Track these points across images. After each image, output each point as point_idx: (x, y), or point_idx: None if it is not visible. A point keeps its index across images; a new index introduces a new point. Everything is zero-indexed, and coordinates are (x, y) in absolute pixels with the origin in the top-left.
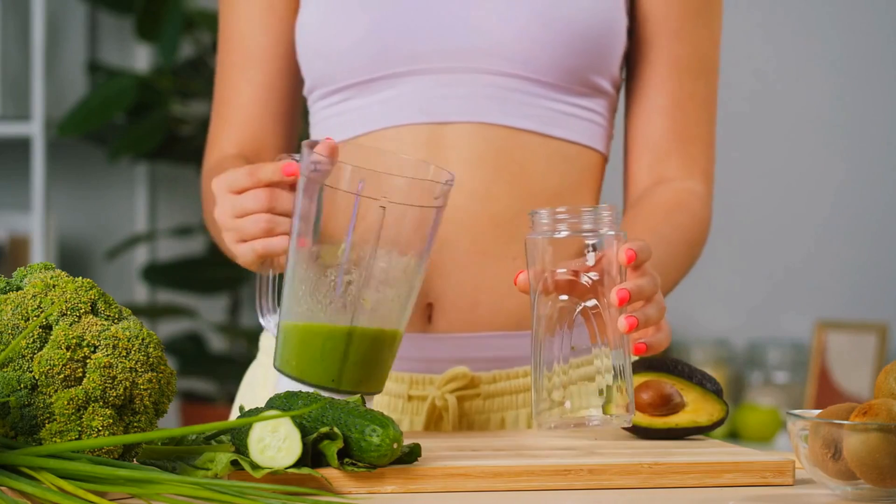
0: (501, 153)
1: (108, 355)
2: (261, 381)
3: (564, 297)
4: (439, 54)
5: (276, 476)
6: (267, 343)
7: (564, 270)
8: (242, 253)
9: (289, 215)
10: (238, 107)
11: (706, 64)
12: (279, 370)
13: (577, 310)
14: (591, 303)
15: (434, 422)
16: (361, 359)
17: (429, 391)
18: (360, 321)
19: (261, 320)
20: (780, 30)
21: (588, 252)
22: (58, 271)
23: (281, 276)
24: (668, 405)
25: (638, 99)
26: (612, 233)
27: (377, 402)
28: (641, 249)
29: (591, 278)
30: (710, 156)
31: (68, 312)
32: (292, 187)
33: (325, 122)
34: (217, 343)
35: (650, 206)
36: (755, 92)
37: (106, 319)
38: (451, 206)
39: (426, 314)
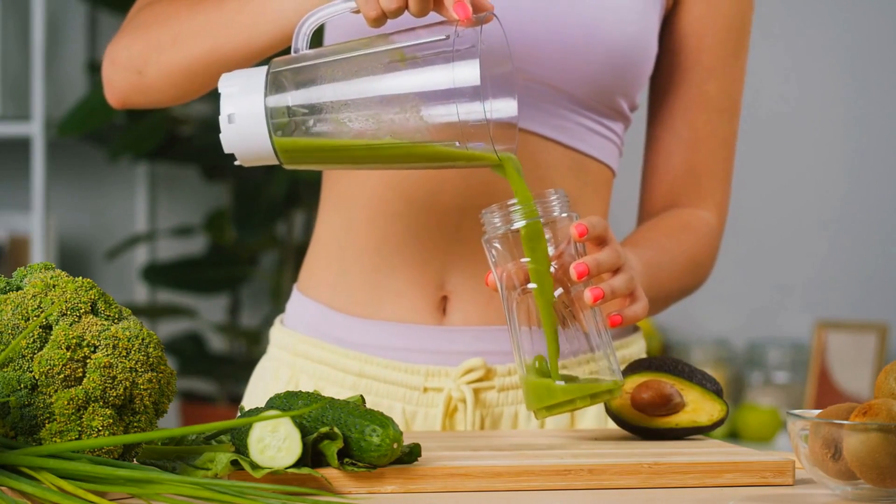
0: (525, 157)
1: (108, 355)
2: (272, 374)
3: (532, 285)
4: None
5: (276, 476)
6: (278, 336)
7: (525, 261)
8: None
9: None
10: None
11: (732, 102)
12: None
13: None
14: (558, 292)
15: (450, 414)
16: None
17: (445, 383)
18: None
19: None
20: (781, 32)
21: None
22: (58, 271)
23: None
24: (668, 405)
25: (661, 127)
26: (565, 215)
27: (388, 396)
28: (592, 224)
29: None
30: (726, 191)
31: (68, 312)
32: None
33: None
34: (217, 343)
35: (655, 223)
36: (755, 93)
37: (106, 319)
38: (469, 201)
39: (441, 307)
